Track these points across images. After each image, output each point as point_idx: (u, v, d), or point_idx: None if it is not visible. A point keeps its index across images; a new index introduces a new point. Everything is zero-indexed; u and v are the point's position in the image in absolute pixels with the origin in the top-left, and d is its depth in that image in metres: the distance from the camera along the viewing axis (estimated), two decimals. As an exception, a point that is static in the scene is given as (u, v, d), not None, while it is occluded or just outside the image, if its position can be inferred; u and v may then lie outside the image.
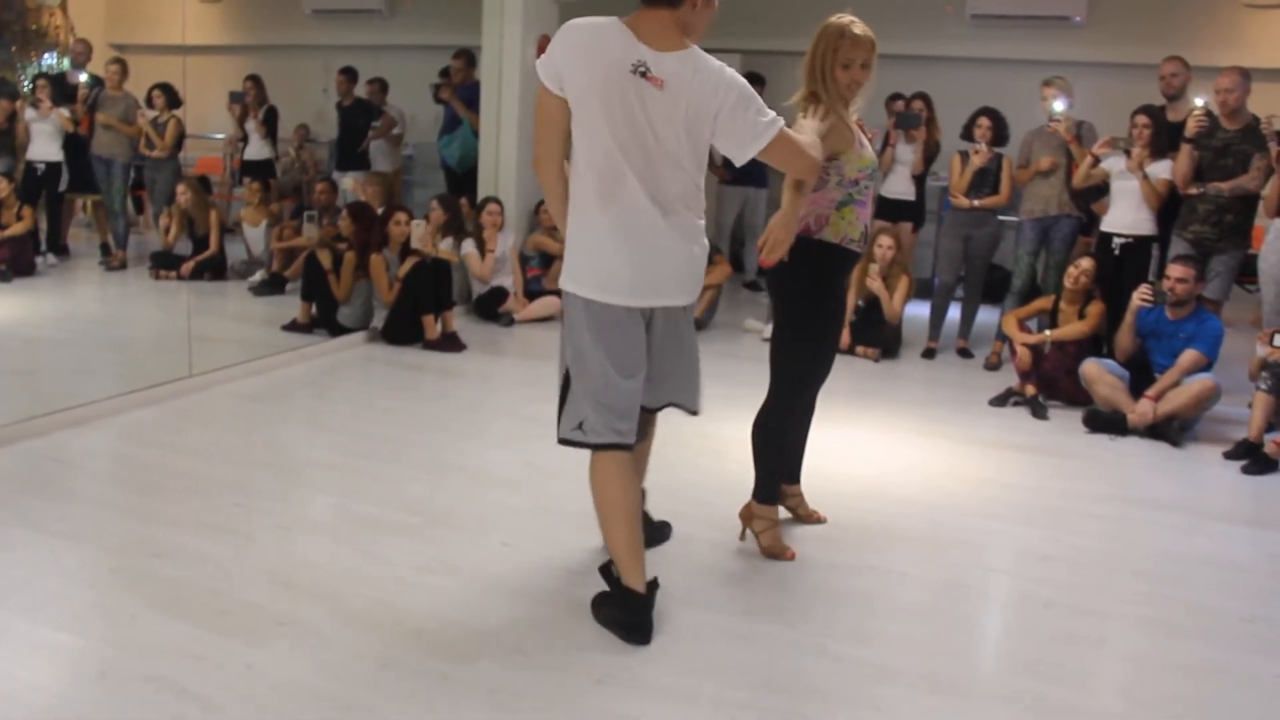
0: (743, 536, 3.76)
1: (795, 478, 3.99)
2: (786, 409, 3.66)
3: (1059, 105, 6.42)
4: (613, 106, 2.84)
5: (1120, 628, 3.33)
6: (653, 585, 3.07)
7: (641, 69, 2.81)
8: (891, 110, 7.78)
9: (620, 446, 3.02)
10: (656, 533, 3.68)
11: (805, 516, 3.98)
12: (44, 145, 7.60)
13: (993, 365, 6.71)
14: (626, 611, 3.04)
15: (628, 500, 3.05)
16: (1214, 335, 5.38)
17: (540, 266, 7.94)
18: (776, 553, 3.64)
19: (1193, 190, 5.91)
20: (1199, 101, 5.99)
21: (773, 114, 2.93)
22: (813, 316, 3.53)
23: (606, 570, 3.13)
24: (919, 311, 7.39)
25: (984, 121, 6.77)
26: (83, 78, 7.92)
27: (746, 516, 3.73)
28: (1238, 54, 7.32)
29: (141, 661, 2.80)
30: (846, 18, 3.44)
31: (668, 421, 3.36)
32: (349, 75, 9.09)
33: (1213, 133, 5.86)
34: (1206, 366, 5.36)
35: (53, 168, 7.66)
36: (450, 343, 6.51)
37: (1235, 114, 5.85)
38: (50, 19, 8.05)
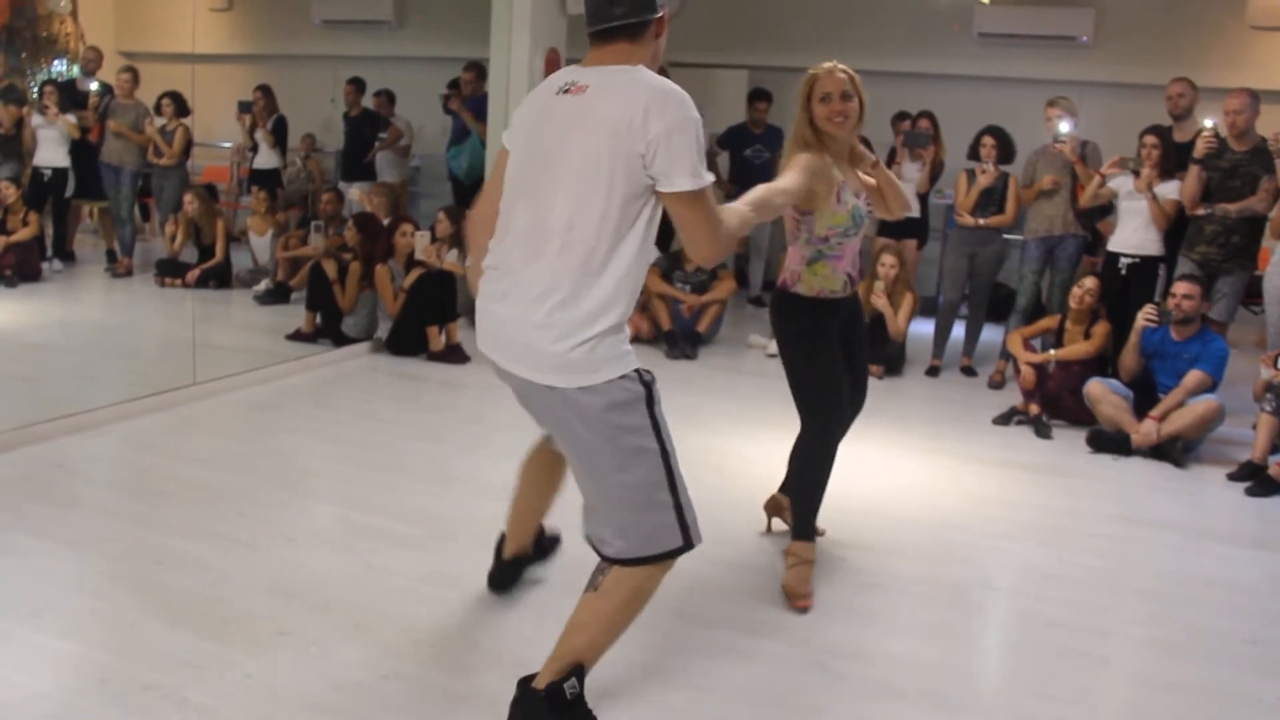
0: (767, 529, 3.96)
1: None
2: (823, 442, 3.57)
3: (1064, 126, 6.42)
4: (529, 132, 2.58)
5: (1123, 647, 3.32)
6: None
7: (567, 87, 2.51)
8: (898, 129, 7.79)
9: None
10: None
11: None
12: (51, 151, 7.63)
13: (996, 384, 6.70)
14: None
15: None
16: (1219, 356, 5.37)
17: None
18: (791, 594, 3.45)
19: (1200, 211, 5.91)
20: (1208, 123, 5.99)
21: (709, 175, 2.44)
22: (811, 360, 3.53)
23: (558, 693, 2.52)
24: (923, 329, 7.39)
25: (988, 141, 6.77)
26: (94, 86, 7.95)
27: (772, 508, 3.94)
28: (1244, 75, 7.34)
29: (142, 669, 2.79)
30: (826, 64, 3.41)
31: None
32: (357, 86, 9.11)
33: (1221, 154, 5.87)
34: (1211, 388, 5.34)
35: (59, 174, 7.69)
36: (454, 354, 6.51)
37: (1244, 135, 5.85)
38: (61, 26, 8.09)
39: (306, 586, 3.34)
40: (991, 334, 7.32)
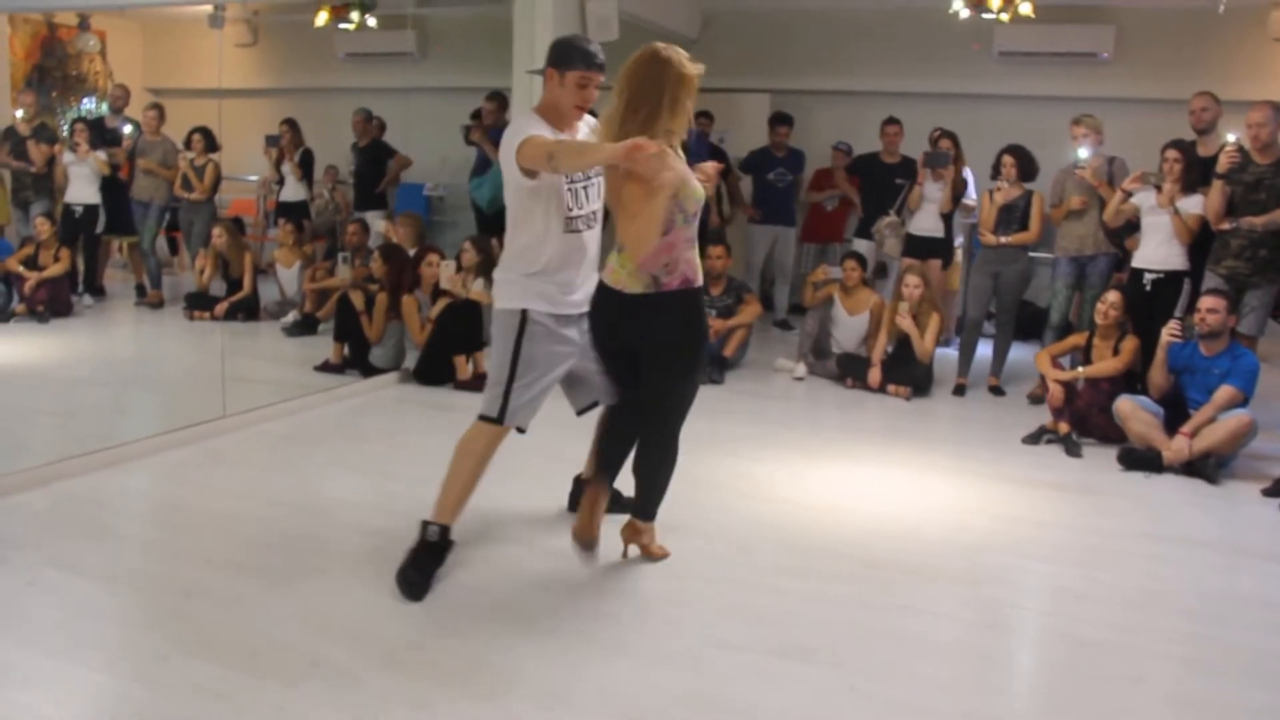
0: (625, 555, 3.87)
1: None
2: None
3: (1083, 152, 6.42)
4: None
5: (1159, 667, 3.28)
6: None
7: None
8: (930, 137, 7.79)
9: None
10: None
11: (644, 549, 3.92)
12: (82, 188, 7.72)
13: (1037, 398, 6.59)
14: None
15: None
16: (1249, 371, 5.32)
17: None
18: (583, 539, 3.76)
19: (1225, 226, 5.86)
20: (1230, 137, 5.95)
21: None
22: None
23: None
24: (949, 349, 7.35)
25: (1008, 160, 6.77)
26: (127, 129, 8.08)
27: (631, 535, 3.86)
28: (1267, 88, 7.29)
29: (175, 703, 2.81)
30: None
31: (699, 461, 3.29)
32: (365, 116, 9.19)
33: (1245, 167, 5.83)
34: (1243, 402, 5.29)
35: (90, 210, 7.78)
36: (481, 383, 6.45)
37: (1267, 148, 5.80)
38: (90, 64, 8.21)
39: (337, 617, 3.35)
40: (1023, 353, 7.27)
